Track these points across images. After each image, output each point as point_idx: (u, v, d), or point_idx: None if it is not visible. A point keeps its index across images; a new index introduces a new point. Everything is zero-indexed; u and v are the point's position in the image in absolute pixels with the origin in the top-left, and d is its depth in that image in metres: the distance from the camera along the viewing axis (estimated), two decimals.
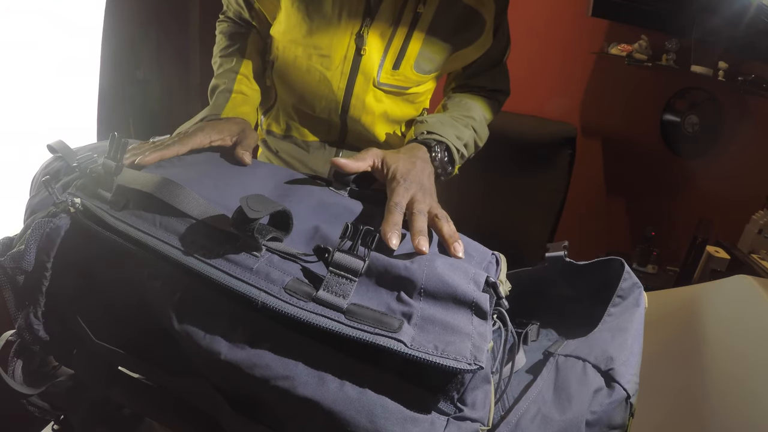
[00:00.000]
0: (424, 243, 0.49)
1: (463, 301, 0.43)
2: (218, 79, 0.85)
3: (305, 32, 0.82)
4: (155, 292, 0.44)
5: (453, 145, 0.78)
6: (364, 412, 0.38)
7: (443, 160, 0.76)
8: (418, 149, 0.71)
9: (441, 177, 0.77)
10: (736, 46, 2.13)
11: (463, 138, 0.82)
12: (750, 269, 1.95)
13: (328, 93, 0.87)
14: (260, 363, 0.40)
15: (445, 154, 0.77)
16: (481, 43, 0.86)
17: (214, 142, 0.65)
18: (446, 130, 0.79)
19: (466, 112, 0.87)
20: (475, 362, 0.39)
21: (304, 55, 0.85)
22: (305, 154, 0.97)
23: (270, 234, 0.45)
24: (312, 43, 0.83)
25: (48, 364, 0.57)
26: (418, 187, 0.59)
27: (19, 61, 1.23)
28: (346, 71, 0.84)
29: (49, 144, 0.53)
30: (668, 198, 2.50)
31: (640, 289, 0.56)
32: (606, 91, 2.40)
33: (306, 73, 0.86)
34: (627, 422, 0.46)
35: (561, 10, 2.29)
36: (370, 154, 0.63)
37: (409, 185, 0.58)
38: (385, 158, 0.63)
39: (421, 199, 0.57)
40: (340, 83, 0.85)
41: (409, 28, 0.82)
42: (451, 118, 0.84)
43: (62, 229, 0.47)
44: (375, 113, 0.89)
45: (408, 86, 0.88)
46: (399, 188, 0.57)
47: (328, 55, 0.83)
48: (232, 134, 0.67)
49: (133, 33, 1.62)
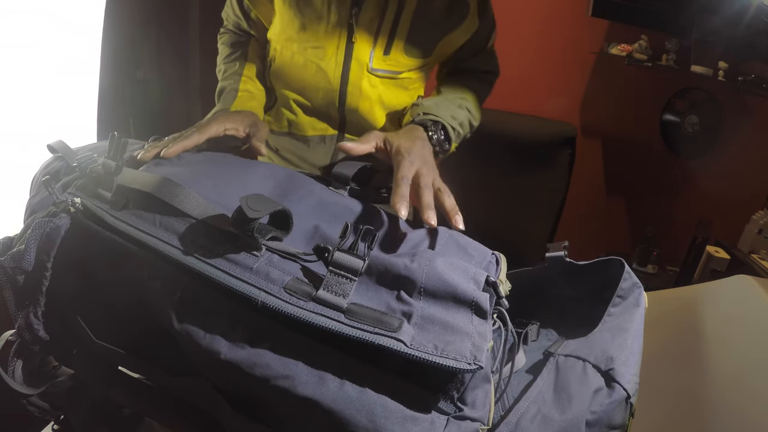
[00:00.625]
0: (433, 217, 0.52)
1: (463, 300, 0.43)
2: (224, 82, 0.90)
3: (298, 28, 0.85)
4: (155, 291, 0.44)
5: (448, 123, 0.81)
6: (364, 411, 0.38)
7: (440, 139, 0.80)
8: (416, 129, 0.75)
9: (439, 155, 0.80)
10: (736, 46, 2.13)
11: (458, 117, 0.85)
12: (750, 269, 1.95)
13: (325, 84, 0.89)
14: (260, 362, 0.40)
15: (442, 133, 0.80)
16: (466, 26, 0.89)
17: (228, 131, 0.67)
18: (441, 111, 0.82)
19: (459, 94, 0.91)
20: (475, 362, 0.39)
21: (299, 50, 0.88)
22: (305, 149, 0.98)
23: (270, 233, 0.45)
24: (305, 37, 0.86)
25: (48, 364, 0.57)
26: (421, 161, 0.62)
27: (19, 61, 1.23)
28: (340, 60, 0.87)
29: (49, 144, 0.53)
30: (668, 198, 2.50)
31: (640, 289, 0.56)
32: (606, 91, 2.39)
33: (303, 68, 0.89)
34: (627, 422, 0.46)
35: (561, 10, 2.28)
36: (372, 135, 0.66)
37: (413, 159, 0.61)
38: (387, 137, 0.66)
39: (426, 173, 0.60)
40: (335, 72, 0.88)
41: (395, 13, 0.85)
42: (445, 99, 0.88)
43: (62, 229, 0.47)
44: (371, 99, 0.91)
45: (400, 70, 0.91)
46: (404, 162, 0.60)
47: (321, 47, 0.86)
48: (245, 125, 0.69)
49: (133, 33, 1.62)
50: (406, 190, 0.56)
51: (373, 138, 0.66)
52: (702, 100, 2.34)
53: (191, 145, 0.61)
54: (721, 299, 0.99)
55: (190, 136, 0.61)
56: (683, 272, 2.21)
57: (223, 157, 0.64)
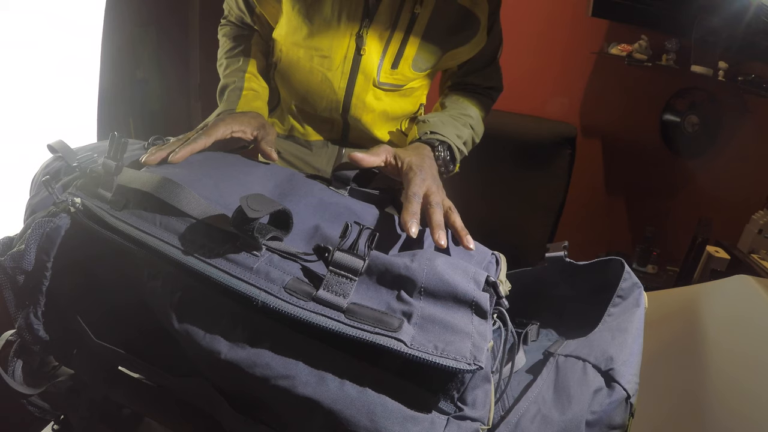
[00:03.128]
0: (443, 237, 0.52)
1: (463, 300, 0.43)
2: (227, 79, 0.87)
3: (306, 35, 0.84)
4: (155, 291, 0.44)
5: (454, 144, 0.81)
6: (365, 411, 0.38)
7: (446, 159, 0.79)
8: (423, 148, 0.74)
9: (444, 175, 0.79)
10: (736, 46, 2.13)
11: (463, 136, 0.85)
12: (750, 269, 1.95)
13: (329, 93, 0.88)
14: (260, 362, 0.40)
15: (448, 153, 0.80)
16: (475, 42, 0.88)
17: (236, 133, 0.67)
18: (447, 130, 0.82)
19: (463, 111, 0.90)
20: (475, 362, 0.39)
21: (305, 57, 0.86)
22: (308, 153, 0.98)
23: (270, 233, 0.45)
24: (313, 45, 0.84)
25: (48, 364, 0.57)
26: (432, 179, 0.62)
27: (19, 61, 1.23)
28: (346, 71, 0.86)
29: (49, 144, 0.53)
30: (668, 198, 2.50)
31: (640, 289, 0.56)
32: (606, 91, 2.39)
33: (308, 74, 0.88)
34: (627, 422, 0.46)
35: (561, 10, 2.29)
36: (382, 149, 0.65)
37: (424, 176, 0.61)
38: (397, 153, 0.66)
39: (436, 191, 0.60)
40: (340, 83, 0.87)
41: (406, 28, 0.84)
42: (450, 117, 0.86)
43: (62, 229, 0.47)
44: (375, 112, 0.91)
45: (405, 83, 0.90)
46: (416, 178, 0.60)
47: (329, 56, 0.85)
48: (252, 127, 0.69)
49: (133, 33, 1.62)
50: (417, 207, 0.55)
51: (383, 152, 0.65)
52: (702, 100, 2.34)
53: (199, 148, 0.60)
54: (721, 299, 0.99)
55: (198, 140, 0.60)
56: (683, 272, 2.21)
57: (223, 156, 0.64)
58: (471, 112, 0.91)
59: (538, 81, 2.33)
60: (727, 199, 2.33)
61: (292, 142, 0.99)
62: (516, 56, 0.93)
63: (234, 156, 0.65)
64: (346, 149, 0.99)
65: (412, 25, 0.83)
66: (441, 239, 0.52)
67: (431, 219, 0.55)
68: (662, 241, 2.45)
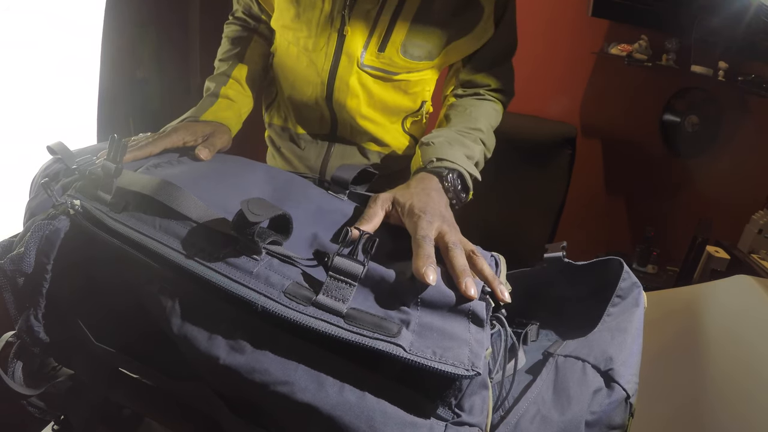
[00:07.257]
0: (472, 286, 0.45)
1: (460, 310, 0.43)
2: (210, 82, 0.87)
3: (293, 16, 0.83)
4: (154, 294, 0.44)
5: (466, 170, 0.71)
6: (364, 417, 0.38)
7: (457, 189, 0.69)
8: (429, 180, 0.65)
9: (456, 206, 0.69)
10: (736, 46, 2.13)
11: (474, 156, 0.76)
12: (750, 269, 1.95)
13: (314, 77, 0.87)
14: (259, 368, 0.40)
15: (458, 181, 0.70)
16: (479, 33, 0.83)
17: (187, 143, 0.66)
18: (456, 153, 0.72)
19: (472, 124, 0.81)
20: (473, 368, 0.39)
21: (293, 40, 0.86)
22: (298, 149, 0.98)
23: (270, 238, 0.45)
24: (299, 26, 0.83)
25: (48, 365, 0.57)
26: (441, 220, 0.54)
27: (19, 61, 1.23)
28: (330, 52, 0.84)
29: (48, 145, 0.53)
30: (668, 198, 2.50)
31: (640, 289, 0.56)
32: (606, 91, 2.39)
33: (296, 59, 0.87)
34: (627, 422, 0.46)
35: (561, 10, 2.29)
36: (378, 202, 0.57)
37: (431, 218, 0.53)
38: (395, 198, 0.58)
39: (449, 231, 0.52)
40: (324, 64, 0.85)
41: (395, 9, 0.80)
42: (458, 133, 0.78)
43: (62, 231, 0.47)
44: (359, 96, 0.87)
45: (396, 71, 0.86)
46: (422, 222, 0.53)
47: (312, 37, 0.83)
48: (204, 135, 0.68)
49: (133, 33, 1.62)
50: (431, 249, 0.48)
51: (378, 205, 0.57)
52: (702, 100, 2.34)
53: (143, 156, 0.59)
54: (721, 299, 0.99)
55: (144, 147, 0.60)
56: (683, 272, 2.21)
57: (223, 158, 0.64)
58: (480, 124, 0.82)
59: (538, 81, 2.33)
60: (727, 199, 2.33)
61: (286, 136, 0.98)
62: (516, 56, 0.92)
63: (234, 158, 0.65)
64: (335, 145, 0.96)
65: (400, 7, 0.80)
66: (470, 290, 0.44)
67: (452, 263, 0.47)
68: (662, 241, 2.45)
